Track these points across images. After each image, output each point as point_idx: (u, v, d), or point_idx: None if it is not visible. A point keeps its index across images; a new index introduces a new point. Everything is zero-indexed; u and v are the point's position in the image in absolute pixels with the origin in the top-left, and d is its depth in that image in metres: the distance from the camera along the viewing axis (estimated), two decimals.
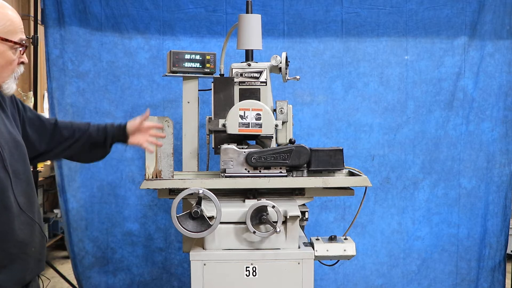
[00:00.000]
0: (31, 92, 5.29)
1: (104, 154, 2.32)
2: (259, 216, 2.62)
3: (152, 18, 3.88)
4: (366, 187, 2.90)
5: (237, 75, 3.12)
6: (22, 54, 1.79)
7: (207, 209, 2.59)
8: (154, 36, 3.90)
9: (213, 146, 3.13)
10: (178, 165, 3.47)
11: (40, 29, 3.93)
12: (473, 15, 3.96)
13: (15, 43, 1.73)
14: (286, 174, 2.83)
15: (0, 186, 1.73)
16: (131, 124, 2.28)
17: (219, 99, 3.09)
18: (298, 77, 3.22)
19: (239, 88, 3.12)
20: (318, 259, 2.78)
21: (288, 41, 3.95)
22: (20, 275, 1.80)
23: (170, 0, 3.87)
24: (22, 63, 1.80)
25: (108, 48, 3.89)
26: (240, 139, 2.97)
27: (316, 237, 2.86)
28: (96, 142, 2.24)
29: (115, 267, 4.01)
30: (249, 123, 2.87)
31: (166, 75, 3.35)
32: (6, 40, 1.71)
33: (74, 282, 4.12)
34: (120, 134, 2.28)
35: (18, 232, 1.78)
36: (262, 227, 2.65)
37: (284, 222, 2.68)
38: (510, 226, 4.22)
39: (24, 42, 1.76)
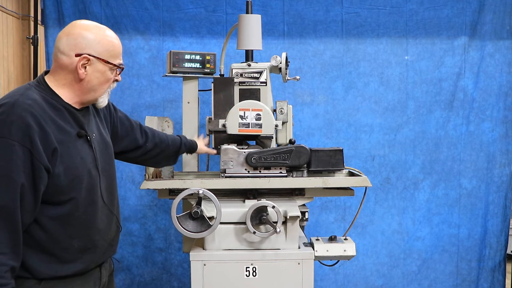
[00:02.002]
0: None
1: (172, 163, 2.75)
2: (259, 217, 2.62)
3: (152, 18, 3.88)
4: (366, 188, 2.89)
5: (237, 75, 3.11)
6: (118, 74, 2.12)
7: (207, 209, 2.58)
8: (154, 36, 3.90)
9: (213, 146, 3.13)
10: (178, 165, 3.45)
11: (40, 29, 3.93)
12: (473, 15, 3.96)
13: (115, 65, 2.06)
14: (286, 174, 2.83)
15: (92, 182, 2.03)
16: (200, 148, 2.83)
17: (219, 99, 3.08)
18: (298, 77, 3.21)
19: (239, 88, 3.12)
20: (318, 259, 2.78)
21: (288, 41, 3.95)
22: (98, 257, 2.12)
23: (170, 0, 3.87)
24: (116, 81, 2.13)
25: None
26: (240, 139, 2.97)
27: (316, 237, 2.86)
28: (169, 155, 2.66)
29: (115, 267, 4.00)
30: (249, 123, 2.87)
31: (166, 75, 3.35)
32: (108, 62, 2.03)
33: None
34: (189, 150, 2.78)
35: (100, 222, 2.07)
36: (262, 227, 2.65)
37: (284, 222, 2.67)
38: (510, 226, 4.22)
39: (121, 65, 2.10)
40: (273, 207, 2.62)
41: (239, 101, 3.03)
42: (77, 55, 1.98)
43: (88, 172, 2.01)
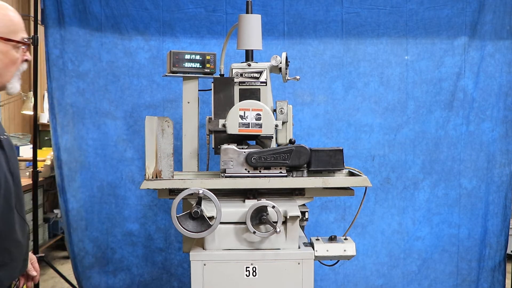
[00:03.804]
0: (31, 92, 5.28)
1: None
2: (259, 216, 2.62)
3: (152, 18, 3.88)
4: (366, 187, 2.89)
5: (237, 75, 3.11)
6: (25, 52, 1.82)
7: (207, 209, 2.58)
8: (154, 36, 3.90)
9: (213, 146, 3.13)
10: (178, 165, 3.47)
11: (40, 29, 3.93)
12: (473, 15, 3.96)
13: (18, 42, 1.77)
14: (286, 174, 2.83)
15: (7, 188, 1.78)
16: None
17: (219, 99, 3.08)
18: (298, 77, 3.21)
19: (239, 88, 3.12)
20: (318, 259, 2.78)
21: (288, 41, 3.95)
22: (15, 273, 1.88)
23: (170, 0, 3.87)
24: (26, 60, 1.83)
25: (108, 48, 3.89)
26: (240, 139, 2.96)
27: (316, 237, 2.86)
28: None
29: (115, 267, 4.01)
30: (249, 123, 2.87)
31: (166, 75, 3.35)
32: (9, 39, 1.74)
33: (74, 282, 4.12)
34: None
35: (18, 233, 1.84)
36: (262, 227, 2.65)
37: (284, 222, 2.67)
38: (510, 226, 4.22)
39: (26, 40, 1.79)
40: (273, 207, 2.62)
41: (239, 101, 3.02)
42: None
43: (4, 176, 1.78)
